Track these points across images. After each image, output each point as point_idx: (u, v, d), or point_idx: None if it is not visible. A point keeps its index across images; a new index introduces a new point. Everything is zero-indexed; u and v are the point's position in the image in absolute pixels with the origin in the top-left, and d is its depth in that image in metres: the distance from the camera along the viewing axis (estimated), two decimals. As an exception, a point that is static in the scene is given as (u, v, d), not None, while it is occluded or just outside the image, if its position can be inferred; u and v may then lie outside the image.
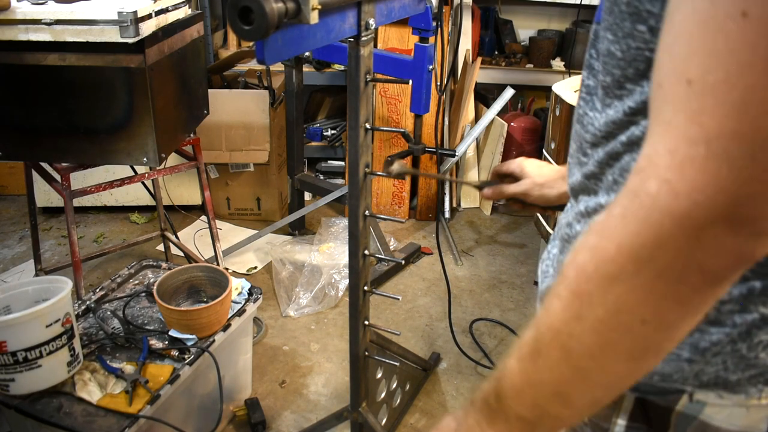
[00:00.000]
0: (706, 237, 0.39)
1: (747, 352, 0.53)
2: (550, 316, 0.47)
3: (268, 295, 2.46)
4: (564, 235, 0.65)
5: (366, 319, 1.50)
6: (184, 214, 3.02)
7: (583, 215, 0.61)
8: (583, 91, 0.60)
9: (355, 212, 1.33)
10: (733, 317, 0.52)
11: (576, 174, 0.61)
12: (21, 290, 1.39)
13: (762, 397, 0.55)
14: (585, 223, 0.60)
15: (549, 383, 0.49)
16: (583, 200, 0.61)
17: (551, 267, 0.66)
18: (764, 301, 0.52)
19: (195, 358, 1.49)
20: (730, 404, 0.56)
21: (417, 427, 1.87)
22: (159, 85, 1.74)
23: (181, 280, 1.66)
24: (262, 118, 2.79)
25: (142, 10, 1.63)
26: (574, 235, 0.63)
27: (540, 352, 0.48)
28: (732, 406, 0.56)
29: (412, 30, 2.21)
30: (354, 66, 1.18)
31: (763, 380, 0.54)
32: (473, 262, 2.79)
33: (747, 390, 0.55)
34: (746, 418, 0.56)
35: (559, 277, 0.48)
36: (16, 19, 1.59)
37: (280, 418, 1.89)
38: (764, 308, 0.52)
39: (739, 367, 0.54)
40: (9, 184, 3.27)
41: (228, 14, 0.78)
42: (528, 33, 3.72)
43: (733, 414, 0.56)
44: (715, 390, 0.55)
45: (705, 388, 0.55)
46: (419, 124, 2.39)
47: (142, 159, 1.77)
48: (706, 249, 0.39)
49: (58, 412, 1.32)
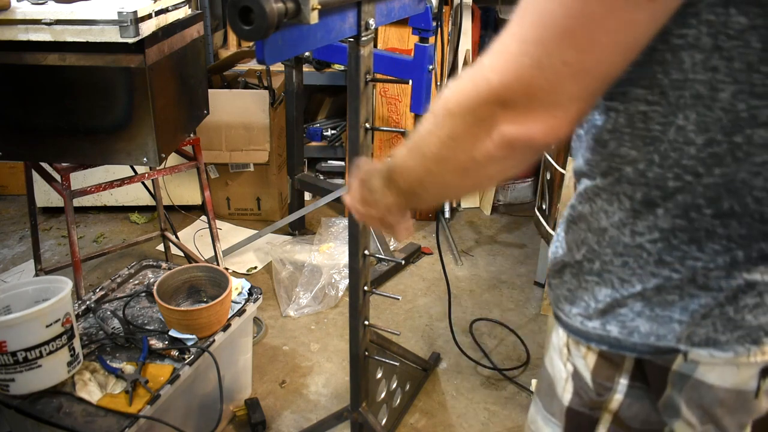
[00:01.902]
0: (507, 109, 0.54)
1: (734, 314, 0.59)
2: (422, 125, 0.64)
3: (268, 295, 2.46)
4: (569, 216, 0.70)
5: (366, 319, 1.50)
6: (184, 214, 3.02)
7: (583, 196, 0.66)
8: None
9: (355, 212, 1.33)
10: (720, 282, 0.59)
11: (579, 159, 0.68)
12: (21, 290, 1.39)
13: (750, 356, 0.59)
14: (586, 204, 0.66)
15: (414, 171, 0.67)
16: (584, 182, 0.67)
17: (560, 248, 0.72)
18: (748, 268, 0.58)
19: (195, 358, 1.49)
20: (721, 363, 0.60)
21: (417, 427, 1.87)
22: (159, 85, 1.74)
23: (181, 280, 1.66)
24: (262, 118, 2.79)
25: (142, 10, 1.63)
26: (577, 216, 0.68)
27: (413, 148, 0.67)
28: (723, 365, 0.60)
29: (412, 30, 2.21)
30: (354, 66, 1.18)
31: (750, 340, 0.59)
32: (473, 262, 2.79)
33: (736, 349, 0.59)
34: (737, 376, 0.61)
35: (436, 98, 0.64)
36: (16, 19, 1.59)
37: (280, 418, 1.89)
38: (748, 275, 0.58)
39: (728, 328, 0.59)
40: (9, 184, 3.27)
41: (228, 14, 0.78)
42: (528, 33, 3.72)
43: (725, 372, 0.61)
44: (706, 349, 0.60)
45: (697, 347, 0.60)
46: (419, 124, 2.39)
47: (142, 159, 1.77)
48: (506, 117, 0.54)
49: (58, 412, 1.32)
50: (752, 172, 0.55)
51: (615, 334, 0.64)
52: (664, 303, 0.61)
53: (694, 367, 0.62)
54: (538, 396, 0.81)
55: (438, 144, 0.61)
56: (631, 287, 0.62)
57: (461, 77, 0.59)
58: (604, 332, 0.65)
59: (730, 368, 0.60)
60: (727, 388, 0.61)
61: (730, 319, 0.59)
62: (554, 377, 0.75)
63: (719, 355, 0.60)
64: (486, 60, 0.55)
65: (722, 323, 0.59)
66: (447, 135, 0.60)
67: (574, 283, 0.68)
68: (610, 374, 0.67)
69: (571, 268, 0.68)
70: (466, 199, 3.33)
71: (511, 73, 0.52)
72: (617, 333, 0.64)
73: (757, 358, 0.59)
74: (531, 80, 0.52)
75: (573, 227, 0.68)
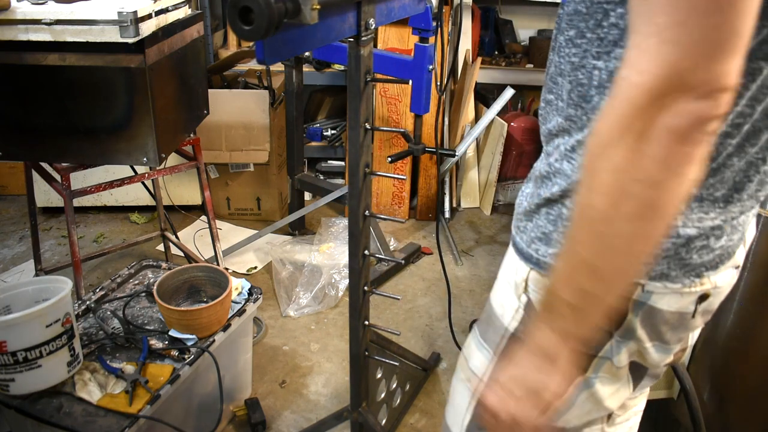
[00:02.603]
0: (666, 102, 0.51)
1: (685, 255, 0.71)
2: (577, 205, 0.60)
3: (268, 295, 2.46)
4: (538, 175, 0.78)
5: (366, 319, 1.50)
6: (184, 214, 3.02)
7: (560, 154, 0.74)
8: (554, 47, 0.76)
9: (355, 212, 1.33)
10: (678, 230, 0.69)
11: (556, 118, 0.74)
12: (21, 290, 1.39)
13: (692, 286, 0.72)
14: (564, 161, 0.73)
15: (581, 260, 0.60)
16: (561, 143, 0.74)
17: (524, 201, 0.81)
18: (700, 218, 0.69)
19: (195, 358, 1.49)
20: (670, 292, 0.72)
21: (417, 427, 1.87)
22: (159, 85, 1.74)
23: (181, 280, 1.66)
24: (262, 118, 2.79)
25: (142, 10, 1.63)
26: (554, 172, 0.75)
27: (572, 237, 0.61)
28: (671, 294, 0.72)
29: (412, 30, 2.20)
30: (354, 66, 1.18)
31: (694, 274, 0.72)
32: (473, 262, 2.79)
33: (683, 281, 0.72)
34: (680, 301, 0.73)
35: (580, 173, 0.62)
36: (16, 19, 1.59)
37: (280, 418, 1.89)
38: (699, 223, 0.69)
39: (678, 266, 0.71)
40: (9, 184, 3.27)
41: (228, 14, 0.78)
42: (528, 33, 3.72)
43: (671, 299, 0.72)
44: (660, 281, 0.71)
45: (653, 281, 0.71)
46: (419, 124, 2.39)
47: (142, 159, 1.77)
48: (668, 112, 0.52)
49: (58, 412, 1.32)
50: None
51: None
52: None
53: (649, 296, 0.72)
54: (477, 325, 0.91)
55: (604, 194, 0.56)
56: None
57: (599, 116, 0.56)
58: None
59: (676, 296, 0.72)
60: (672, 311, 0.73)
61: (681, 258, 0.70)
62: (496, 310, 0.85)
63: (670, 287, 0.71)
64: (623, 72, 0.53)
65: (675, 262, 0.71)
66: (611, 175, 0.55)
67: (549, 228, 0.76)
68: None
69: (547, 214, 0.76)
70: (466, 199, 3.33)
71: (660, 65, 0.51)
72: None
73: (697, 288, 0.72)
74: (682, 61, 0.50)
75: (547, 181, 0.76)
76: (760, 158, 0.68)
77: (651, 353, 0.76)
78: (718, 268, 0.73)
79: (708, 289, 0.73)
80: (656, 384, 1.63)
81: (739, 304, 1.43)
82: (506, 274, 0.85)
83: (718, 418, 1.52)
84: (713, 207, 0.69)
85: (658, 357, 0.78)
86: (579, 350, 0.67)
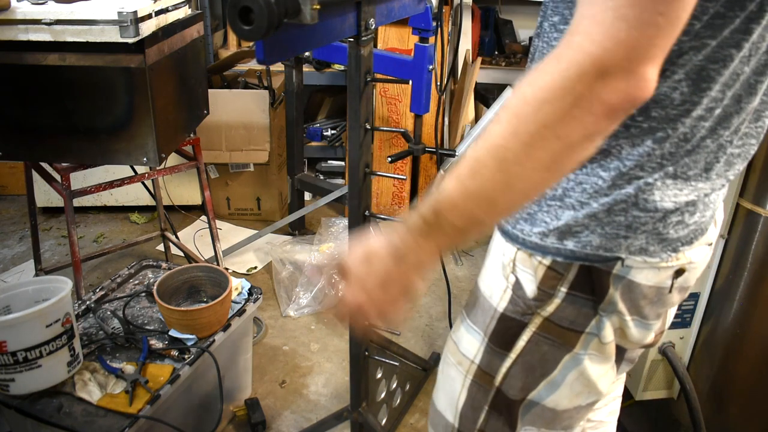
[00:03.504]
0: (607, 76, 0.54)
1: (662, 230, 0.74)
2: (490, 138, 0.60)
3: (268, 295, 2.46)
4: None
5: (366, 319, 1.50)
6: (184, 214, 3.02)
7: None
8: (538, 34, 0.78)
9: (355, 212, 1.33)
10: (655, 204, 0.72)
11: None
12: (21, 290, 1.39)
13: (669, 260, 0.76)
14: None
15: (483, 193, 0.62)
16: None
17: None
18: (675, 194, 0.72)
19: (195, 358, 1.49)
20: (648, 267, 0.75)
21: (417, 427, 1.87)
22: (159, 85, 1.74)
23: (181, 280, 1.66)
24: (262, 118, 2.79)
25: (142, 10, 1.63)
26: None
27: (478, 169, 0.62)
28: (649, 268, 0.75)
29: (412, 30, 2.20)
30: (354, 66, 1.18)
31: (671, 248, 0.75)
32: (473, 262, 2.79)
33: (660, 255, 0.75)
34: (657, 276, 0.76)
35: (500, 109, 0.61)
36: (16, 19, 1.59)
37: (280, 418, 1.89)
38: (675, 198, 0.73)
39: (656, 241, 0.74)
40: (9, 184, 3.27)
41: (228, 14, 0.78)
42: (528, 33, 3.72)
43: (649, 274, 0.76)
44: (639, 256, 0.75)
45: (633, 255, 0.75)
46: (419, 124, 2.38)
47: (142, 159, 1.77)
48: (606, 86, 0.54)
49: (58, 412, 1.32)
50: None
51: (570, 247, 0.76)
52: (612, 223, 0.73)
53: (628, 270, 0.75)
54: (464, 310, 0.94)
55: (524, 142, 0.58)
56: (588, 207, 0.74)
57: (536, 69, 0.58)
58: (561, 246, 0.76)
59: (654, 270, 0.76)
60: (650, 285, 0.76)
61: (659, 233, 0.74)
62: (485, 292, 0.87)
63: (649, 261, 0.75)
64: (575, 38, 0.55)
65: (653, 237, 0.74)
66: (538, 127, 0.57)
67: (534, 208, 0.78)
68: (554, 283, 0.79)
69: None
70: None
71: (611, 39, 0.53)
72: (572, 246, 0.76)
73: (673, 263, 0.76)
74: (630, 41, 0.53)
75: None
76: (728, 141, 0.73)
77: (631, 329, 0.80)
78: (692, 243, 0.77)
79: (684, 264, 0.77)
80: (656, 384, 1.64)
81: (738, 304, 1.43)
82: (493, 257, 0.88)
83: (718, 418, 1.52)
84: (686, 184, 0.73)
85: (638, 334, 0.81)
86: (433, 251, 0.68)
